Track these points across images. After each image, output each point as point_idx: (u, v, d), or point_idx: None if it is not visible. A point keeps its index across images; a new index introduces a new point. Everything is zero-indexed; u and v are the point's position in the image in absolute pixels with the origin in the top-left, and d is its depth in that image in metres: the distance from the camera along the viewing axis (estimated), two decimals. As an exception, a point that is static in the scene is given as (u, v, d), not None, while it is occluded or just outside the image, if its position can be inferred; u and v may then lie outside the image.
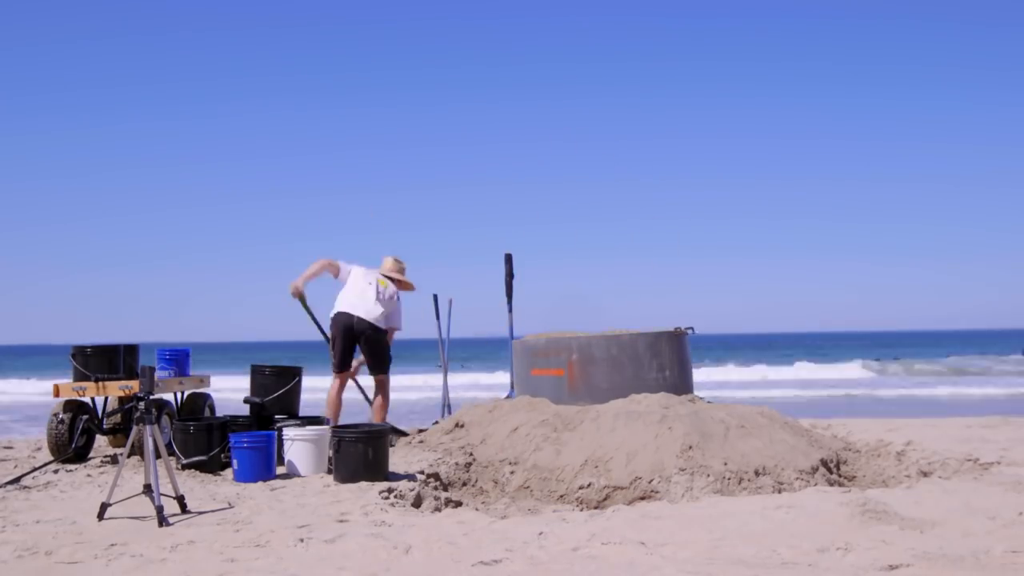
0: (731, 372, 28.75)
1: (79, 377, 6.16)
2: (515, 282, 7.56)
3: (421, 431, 6.94)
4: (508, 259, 7.29)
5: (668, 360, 6.29)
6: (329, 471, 5.24)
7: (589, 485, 5.12)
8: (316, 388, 8.21)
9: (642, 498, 4.98)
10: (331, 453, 5.19)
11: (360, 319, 6.56)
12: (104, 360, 6.21)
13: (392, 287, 6.81)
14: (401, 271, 6.93)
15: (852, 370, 29.55)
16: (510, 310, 7.14)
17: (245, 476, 5.09)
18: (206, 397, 7.11)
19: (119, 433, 6.64)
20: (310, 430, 5.33)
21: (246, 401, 6.20)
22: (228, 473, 5.32)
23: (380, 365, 6.68)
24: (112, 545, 3.67)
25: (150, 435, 4.22)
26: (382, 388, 6.74)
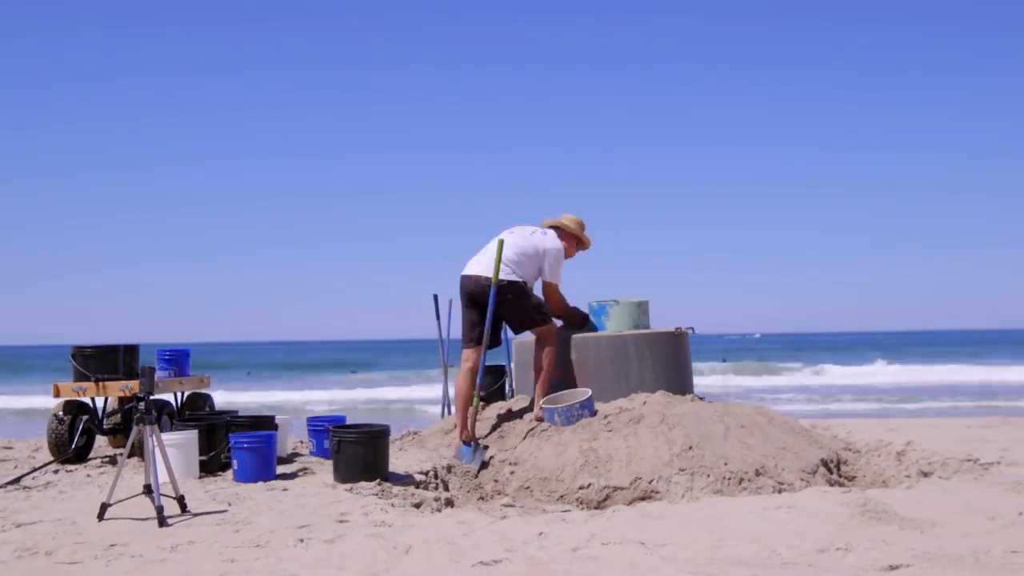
0: (733, 374, 28.80)
1: (79, 377, 6.16)
2: None
3: (416, 433, 6.94)
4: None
5: (668, 360, 6.28)
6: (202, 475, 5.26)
7: (589, 485, 5.12)
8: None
9: (642, 498, 4.98)
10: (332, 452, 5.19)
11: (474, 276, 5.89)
12: (104, 360, 6.21)
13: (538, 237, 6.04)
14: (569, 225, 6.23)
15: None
16: None
17: (245, 476, 5.09)
18: (206, 397, 7.11)
19: (119, 433, 6.64)
20: (179, 434, 5.24)
21: None
22: (228, 473, 5.32)
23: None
24: (112, 545, 3.67)
25: (150, 435, 4.22)
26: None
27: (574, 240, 6.32)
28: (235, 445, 5.14)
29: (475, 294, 5.91)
